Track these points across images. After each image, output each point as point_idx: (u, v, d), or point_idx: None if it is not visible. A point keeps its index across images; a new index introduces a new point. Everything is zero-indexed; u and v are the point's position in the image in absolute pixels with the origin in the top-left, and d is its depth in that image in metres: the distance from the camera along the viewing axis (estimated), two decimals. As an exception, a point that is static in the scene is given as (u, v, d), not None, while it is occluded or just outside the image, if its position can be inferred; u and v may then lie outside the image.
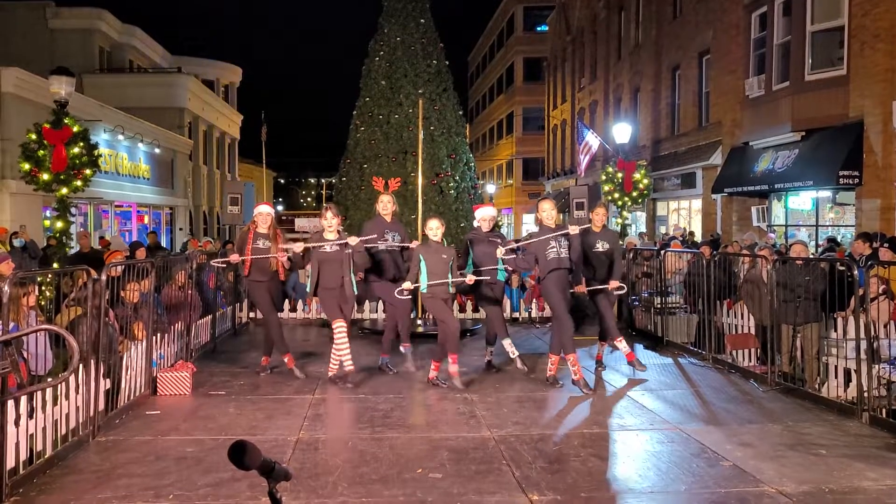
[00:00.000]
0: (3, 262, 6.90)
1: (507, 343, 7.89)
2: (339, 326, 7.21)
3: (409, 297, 7.70)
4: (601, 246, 8.01)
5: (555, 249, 7.23)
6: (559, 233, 7.25)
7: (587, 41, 32.27)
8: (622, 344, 7.85)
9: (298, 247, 7.40)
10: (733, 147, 18.51)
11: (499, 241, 7.94)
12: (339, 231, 7.39)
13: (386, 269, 7.90)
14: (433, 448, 5.40)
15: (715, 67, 20.01)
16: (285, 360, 7.87)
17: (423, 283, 7.16)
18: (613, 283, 7.91)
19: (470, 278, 7.26)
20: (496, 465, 5.05)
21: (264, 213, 7.99)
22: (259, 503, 4.32)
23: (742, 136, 17.98)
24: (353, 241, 7.25)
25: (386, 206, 7.99)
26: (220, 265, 9.02)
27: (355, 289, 7.39)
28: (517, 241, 8.26)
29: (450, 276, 7.18)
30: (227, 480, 4.66)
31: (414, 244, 7.77)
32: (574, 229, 7.31)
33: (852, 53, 14.15)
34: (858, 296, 6.37)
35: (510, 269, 8.11)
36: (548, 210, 7.36)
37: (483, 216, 8.16)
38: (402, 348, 7.94)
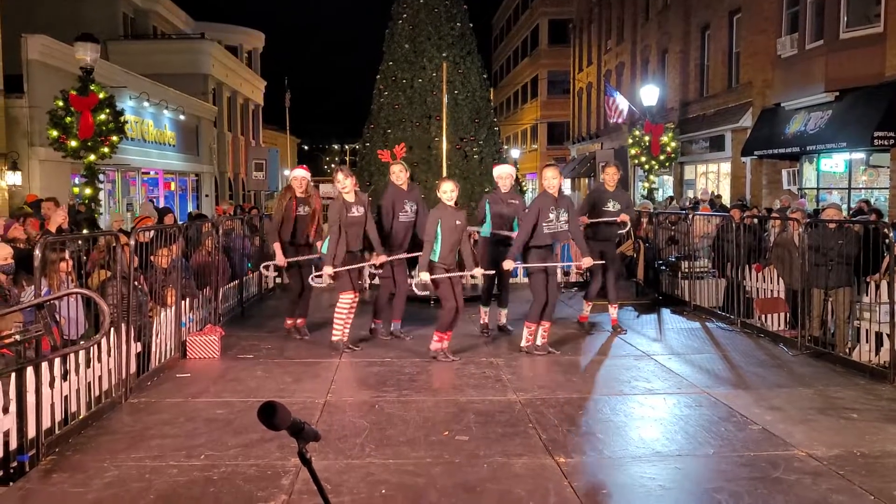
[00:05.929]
0: (10, 227, 7.00)
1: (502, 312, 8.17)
2: (349, 299, 7.22)
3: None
4: (612, 206, 7.91)
5: (552, 222, 6.91)
6: (562, 203, 7.01)
7: (614, 2, 31.58)
8: (613, 310, 8.17)
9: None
10: (764, 108, 18.10)
11: (516, 202, 7.88)
12: (356, 191, 7.35)
13: (400, 241, 7.71)
14: (459, 411, 5.43)
15: (746, 26, 19.48)
16: (298, 321, 8.05)
17: (436, 252, 6.78)
18: (624, 217, 7.87)
19: (478, 272, 7.16)
20: (522, 427, 5.07)
21: (299, 176, 8.03)
22: (288, 463, 4.38)
23: (773, 97, 17.56)
24: (379, 260, 7.46)
25: (399, 175, 7.76)
26: (267, 270, 9.29)
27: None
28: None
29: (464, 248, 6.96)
30: (256, 441, 4.73)
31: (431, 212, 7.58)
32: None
33: (889, 10, 13.68)
34: (894, 257, 6.23)
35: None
36: (549, 178, 7.02)
37: (500, 174, 8.08)
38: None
